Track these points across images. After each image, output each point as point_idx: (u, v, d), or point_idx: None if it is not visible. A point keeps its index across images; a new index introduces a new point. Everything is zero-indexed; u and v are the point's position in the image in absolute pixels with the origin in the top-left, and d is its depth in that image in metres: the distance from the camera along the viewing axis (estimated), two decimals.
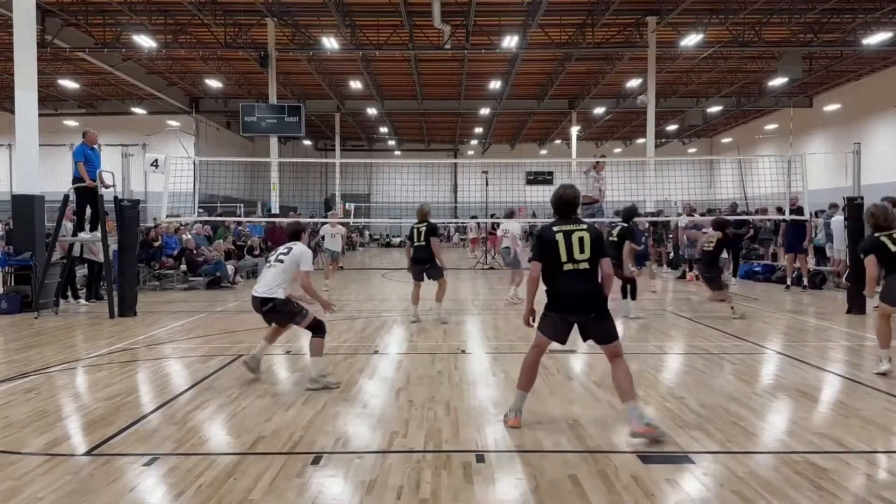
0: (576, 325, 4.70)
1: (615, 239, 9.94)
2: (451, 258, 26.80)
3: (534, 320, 4.88)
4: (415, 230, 9.67)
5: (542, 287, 4.74)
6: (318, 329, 5.97)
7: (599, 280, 4.69)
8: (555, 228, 4.69)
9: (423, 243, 9.54)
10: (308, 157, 42.44)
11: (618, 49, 23.94)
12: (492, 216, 26.42)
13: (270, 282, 5.93)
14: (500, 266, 18.58)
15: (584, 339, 4.82)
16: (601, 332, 4.70)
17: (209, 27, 22.03)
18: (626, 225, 10.14)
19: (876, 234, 6.37)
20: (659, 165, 20.88)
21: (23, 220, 11.59)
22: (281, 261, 6.01)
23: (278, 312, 5.95)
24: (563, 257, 4.58)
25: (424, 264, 9.62)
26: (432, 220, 9.77)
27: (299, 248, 6.11)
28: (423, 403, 5.30)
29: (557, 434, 4.54)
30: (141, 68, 27.57)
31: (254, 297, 6.00)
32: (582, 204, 12.53)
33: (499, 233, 13.50)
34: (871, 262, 6.37)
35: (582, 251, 4.58)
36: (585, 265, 4.60)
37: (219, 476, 3.81)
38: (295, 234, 6.34)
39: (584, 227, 4.71)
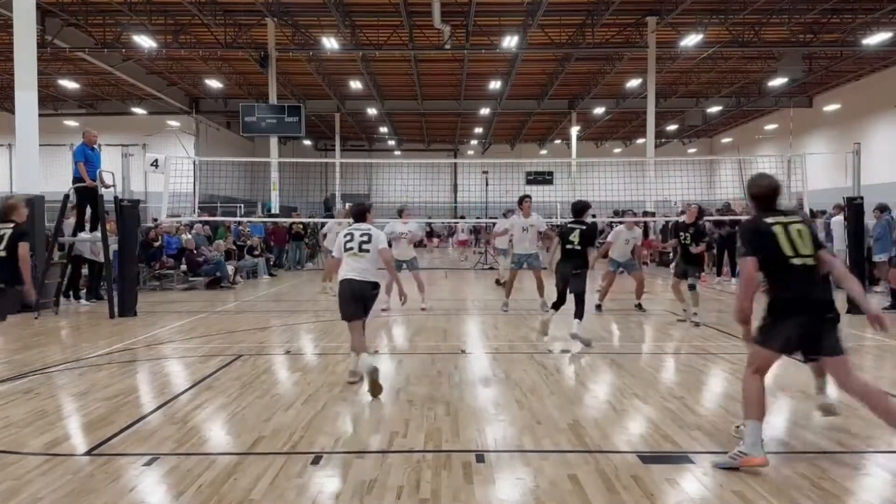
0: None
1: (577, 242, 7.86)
2: (450, 258, 26.80)
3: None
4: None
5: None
6: None
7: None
8: (769, 220, 4.06)
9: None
10: (308, 157, 42.41)
11: (618, 49, 23.94)
12: (504, 215, 26.29)
13: (370, 267, 5.91)
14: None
15: (809, 353, 4.16)
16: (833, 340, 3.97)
17: (209, 27, 22.01)
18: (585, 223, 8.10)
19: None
20: (659, 165, 20.89)
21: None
22: (367, 250, 5.94)
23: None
24: (789, 252, 3.98)
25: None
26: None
27: (376, 231, 6.11)
28: (423, 403, 5.30)
29: (557, 434, 4.54)
30: (141, 68, 27.56)
31: (358, 282, 5.83)
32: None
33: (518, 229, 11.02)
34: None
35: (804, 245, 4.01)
36: (811, 261, 4.01)
37: (219, 476, 3.81)
38: (361, 214, 6.32)
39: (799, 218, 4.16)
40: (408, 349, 7.78)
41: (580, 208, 8.14)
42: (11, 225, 6.49)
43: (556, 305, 7.98)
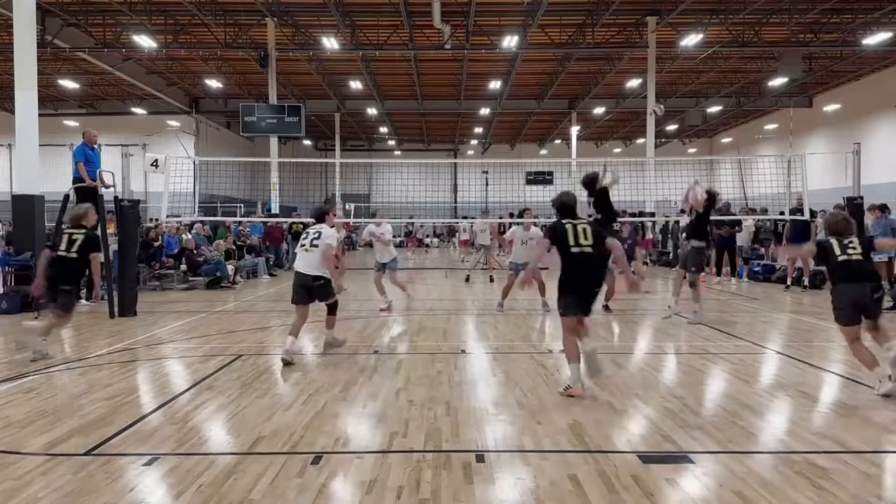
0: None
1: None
2: (450, 258, 26.79)
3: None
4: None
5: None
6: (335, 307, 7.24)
7: None
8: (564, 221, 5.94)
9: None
10: (308, 157, 42.40)
11: (618, 49, 23.94)
12: (511, 215, 26.29)
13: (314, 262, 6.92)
14: (499, 266, 18.59)
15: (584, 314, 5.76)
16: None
17: (209, 27, 22.03)
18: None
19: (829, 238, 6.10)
20: (659, 165, 20.88)
21: (23, 221, 11.59)
22: (315, 245, 6.94)
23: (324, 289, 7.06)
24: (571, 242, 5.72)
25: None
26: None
27: (326, 231, 7.05)
28: (423, 403, 5.31)
29: (557, 434, 4.55)
30: (141, 68, 27.57)
31: (301, 274, 6.95)
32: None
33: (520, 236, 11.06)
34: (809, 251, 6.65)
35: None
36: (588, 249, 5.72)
37: (219, 476, 3.81)
38: (320, 216, 7.29)
39: None
40: (408, 349, 7.78)
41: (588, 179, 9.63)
42: (83, 230, 7.38)
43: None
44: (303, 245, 7.04)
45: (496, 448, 4.30)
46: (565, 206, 6.02)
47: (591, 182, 9.78)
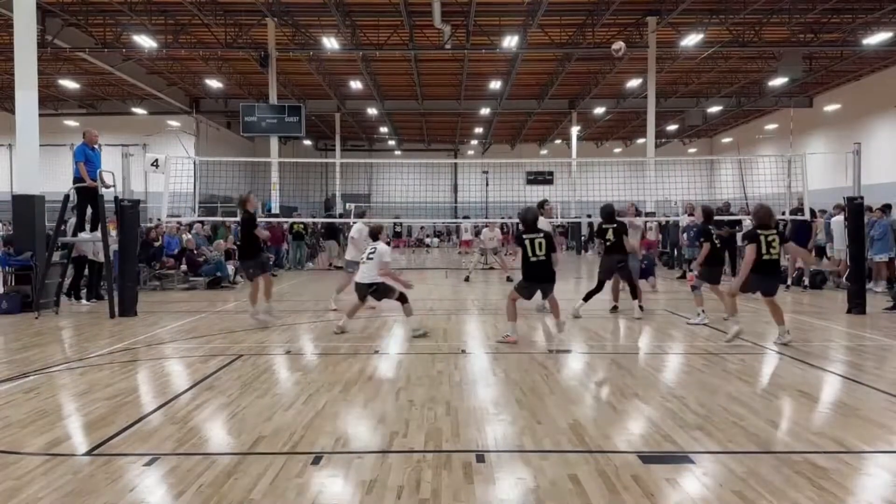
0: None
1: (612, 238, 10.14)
2: (451, 258, 26.78)
3: None
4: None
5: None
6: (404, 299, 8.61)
7: None
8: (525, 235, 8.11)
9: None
10: (308, 157, 42.42)
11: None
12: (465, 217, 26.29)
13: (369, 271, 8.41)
14: (499, 267, 18.60)
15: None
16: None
17: (209, 27, 22.03)
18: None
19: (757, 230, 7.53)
20: (659, 165, 20.89)
21: (23, 221, 11.60)
22: (371, 258, 8.42)
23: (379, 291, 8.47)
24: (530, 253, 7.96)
25: None
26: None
27: (382, 247, 8.49)
28: (423, 403, 5.31)
29: (557, 434, 4.55)
30: (141, 68, 27.57)
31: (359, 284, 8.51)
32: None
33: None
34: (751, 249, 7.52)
35: None
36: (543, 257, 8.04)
37: (219, 476, 3.81)
38: (374, 235, 8.79)
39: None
40: (408, 349, 7.78)
41: (609, 212, 10.23)
42: (241, 214, 9.75)
43: (592, 295, 10.07)
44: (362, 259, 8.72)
45: (496, 448, 4.30)
46: (524, 221, 8.11)
47: (611, 214, 10.27)
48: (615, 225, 10.09)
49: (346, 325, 8.73)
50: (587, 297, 10.09)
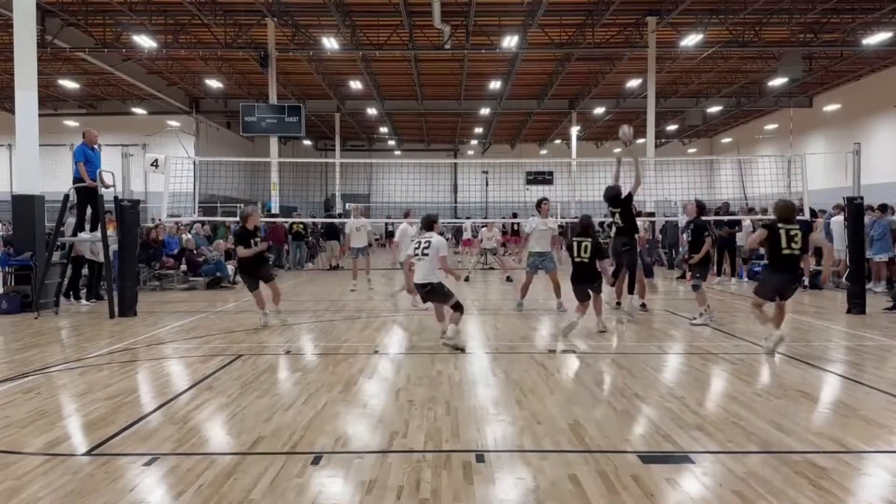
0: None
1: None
2: (451, 258, 26.76)
3: None
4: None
5: None
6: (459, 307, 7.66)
7: None
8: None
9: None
10: (308, 157, 42.43)
11: (618, 49, 23.94)
12: (513, 215, 26.32)
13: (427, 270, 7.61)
14: (499, 267, 18.58)
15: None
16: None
17: (209, 27, 22.03)
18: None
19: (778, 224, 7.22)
20: (659, 165, 20.89)
21: (23, 220, 11.59)
22: (426, 254, 7.57)
23: (434, 292, 7.66)
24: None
25: None
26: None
27: (437, 239, 7.73)
28: (423, 403, 5.30)
29: (557, 434, 4.54)
30: (141, 68, 27.57)
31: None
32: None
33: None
34: (760, 234, 7.38)
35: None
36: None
37: (219, 476, 3.81)
38: (429, 224, 8.01)
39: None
40: (408, 349, 7.78)
41: (614, 195, 9.95)
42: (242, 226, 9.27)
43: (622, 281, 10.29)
44: (416, 254, 7.76)
45: (496, 448, 4.30)
46: (585, 227, 8.57)
47: (615, 197, 9.98)
48: (620, 209, 9.84)
49: (451, 332, 7.57)
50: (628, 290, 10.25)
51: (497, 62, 26.50)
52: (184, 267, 15.16)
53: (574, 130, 35.60)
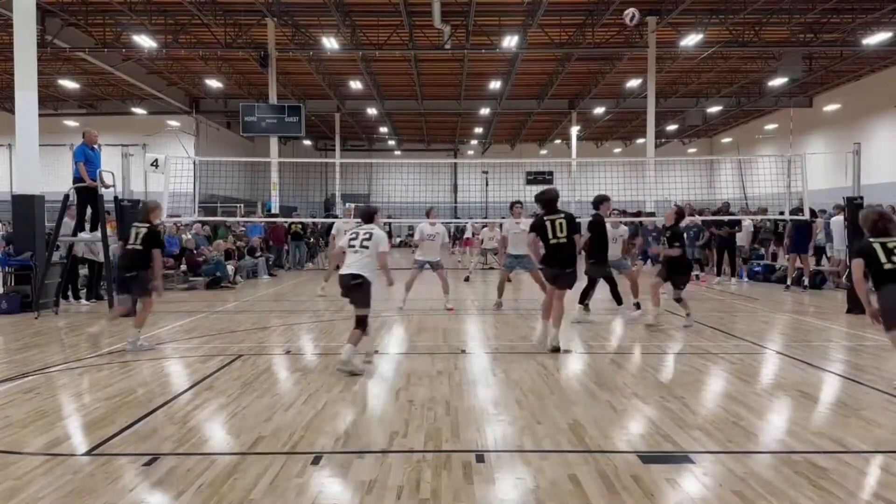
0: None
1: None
2: (450, 259, 26.76)
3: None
4: None
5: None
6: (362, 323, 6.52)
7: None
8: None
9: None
10: (308, 157, 42.41)
11: (618, 49, 23.95)
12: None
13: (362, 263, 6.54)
14: (499, 267, 18.59)
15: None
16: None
17: (209, 27, 22.03)
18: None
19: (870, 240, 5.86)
20: (659, 165, 20.89)
21: (23, 220, 11.59)
22: (366, 246, 6.57)
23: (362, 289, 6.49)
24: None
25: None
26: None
27: (379, 233, 6.73)
28: (423, 403, 5.30)
29: (557, 434, 4.54)
30: (141, 68, 27.57)
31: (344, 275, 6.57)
32: None
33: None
34: (857, 266, 5.96)
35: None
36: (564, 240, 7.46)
37: (219, 476, 3.81)
38: (370, 217, 6.94)
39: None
40: (408, 349, 7.78)
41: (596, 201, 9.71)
42: (147, 225, 7.66)
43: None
44: (351, 246, 6.64)
45: (496, 448, 4.30)
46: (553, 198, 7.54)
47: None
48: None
49: (346, 353, 6.38)
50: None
51: (497, 62, 26.50)
52: (184, 267, 15.16)
53: (574, 130, 35.59)
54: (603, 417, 4.94)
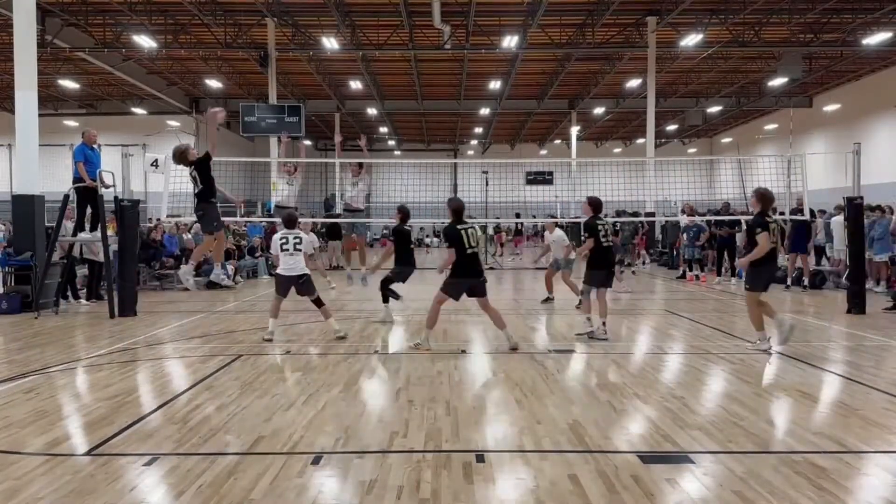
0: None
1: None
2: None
3: None
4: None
5: None
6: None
7: None
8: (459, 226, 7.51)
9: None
10: (308, 157, 42.37)
11: (618, 49, 23.93)
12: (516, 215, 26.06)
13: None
14: (500, 266, 18.60)
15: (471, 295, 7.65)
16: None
17: (209, 27, 22.01)
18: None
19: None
20: (659, 165, 20.88)
21: (23, 220, 11.59)
22: (299, 249, 8.11)
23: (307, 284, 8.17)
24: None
25: None
26: None
27: (306, 236, 8.25)
28: (423, 403, 5.30)
29: (557, 434, 4.54)
30: (141, 68, 27.55)
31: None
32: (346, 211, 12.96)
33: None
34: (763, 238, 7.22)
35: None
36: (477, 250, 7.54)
37: (219, 476, 3.81)
38: (292, 222, 8.33)
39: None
40: (408, 349, 7.77)
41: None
42: (191, 164, 8.58)
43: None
44: (285, 250, 8.14)
45: (496, 448, 4.30)
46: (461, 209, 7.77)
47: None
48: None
49: (336, 326, 8.39)
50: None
51: (497, 62, 26.48)
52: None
53: (574, 130, 35.57)
54: (603, 417, 4.94)
